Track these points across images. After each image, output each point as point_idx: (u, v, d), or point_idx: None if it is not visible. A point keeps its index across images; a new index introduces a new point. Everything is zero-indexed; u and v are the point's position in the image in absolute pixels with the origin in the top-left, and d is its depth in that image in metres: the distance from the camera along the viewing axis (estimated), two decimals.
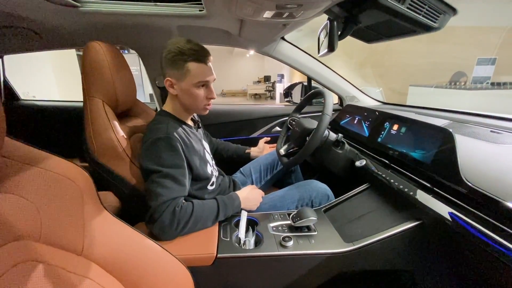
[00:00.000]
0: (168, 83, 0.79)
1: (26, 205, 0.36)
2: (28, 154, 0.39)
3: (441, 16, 0.65)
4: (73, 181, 0.43)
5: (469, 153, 0.65)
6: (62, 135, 1.50)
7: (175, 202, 0.70)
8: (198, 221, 0.73)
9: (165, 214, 0.68)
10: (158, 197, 0.69)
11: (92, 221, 0.45)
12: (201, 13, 0.95)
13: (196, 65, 0.76)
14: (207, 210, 0.76)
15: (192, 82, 0.78)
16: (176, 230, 0.70)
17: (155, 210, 0.68)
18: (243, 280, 0.71)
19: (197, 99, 0.81)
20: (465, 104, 3.52)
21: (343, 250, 0.69)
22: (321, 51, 0.90)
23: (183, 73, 0.76)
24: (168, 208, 0.69)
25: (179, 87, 0.79)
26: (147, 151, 0.74)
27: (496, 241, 0.49)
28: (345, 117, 1.34)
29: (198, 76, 0.77)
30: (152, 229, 0.70)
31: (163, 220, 0.68)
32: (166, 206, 0.69)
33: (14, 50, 1.24)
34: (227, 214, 0.80)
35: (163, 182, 0.71)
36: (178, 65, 0.76)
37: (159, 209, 0.68)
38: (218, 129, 1.55)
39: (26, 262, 0.33)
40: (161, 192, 0.69)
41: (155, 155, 0.73)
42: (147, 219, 0.71)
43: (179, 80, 0.78)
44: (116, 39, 1.13)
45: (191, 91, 0.79)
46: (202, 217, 0.74)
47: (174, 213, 0.69)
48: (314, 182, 1.02)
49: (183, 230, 0.71)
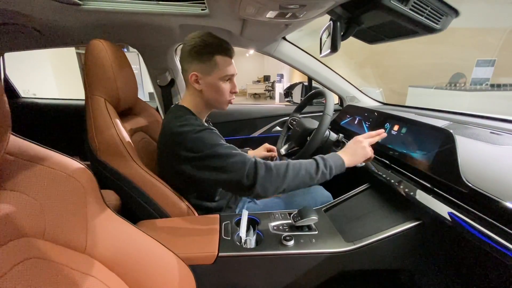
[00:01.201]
0: (193, 78, 0.77)
1: (30, 202, 0.36)
2: (32, 152, 0.39)
3: (443, 18, 0.66)
4: (77, 179, 0.43)
5: (469, 154, 0.65)
6: (62, 133, 1.50)
7: (254, 160, 0.69)
8: (298, 171, 0.69)
9: (259, 170, 0.67)
10: (236, 163, 0.67)
11: (95, 219, 0.45)
12: (203, 12, 0.95)
13: (223, 58, 0.75)
14: (303, 163, 0.72)
15: (219, 76, 0.76)
16: (277, 181, 0.67)
17: (243, 175, 0.67)
18: (244, 279, 0.71)
19: (224, 93, 0.79)
20: (463, 106, 3.53)
21: (343, 250, 0.70)
22: (323, 52, 0.90)
23: (210, 66, 0.75)
24: (255, 165, 0.67)
25: (204, 82, 0.77)
26: (196, 144, 0.71)
27: (496, 241, 0.50)
28: (345, 117, 1.35)
29: (225, 70, 0.76)
30: (255, 193, 0.68)
31: (260, 173, 0.66)
32: (251, 163, 0.67)
33: (16, 48, 1.24)
34: (329, 171, 0.74)
35: (229, 151, 0.69)
36: (205, 58, 0.74)
37: (247, 170, 0.67)
38: (219, 128, 1.54)
39: (30, 259, 0.33)
40: (239, 157, 0.68)
41: (207, 142, 0.71)
42: (244, 190, 0.69)
43: (206, 74, 0.76)
44: (118, 37, 1.13)
45: (218, 85, 0.77)
46: (300, 168, 0.70)
47: (266, 165, 0.67)
48: (320, 189, 1.02)
49: (284, 181, 0.68)
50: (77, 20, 0.99)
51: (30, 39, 1.11)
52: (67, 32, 1.06)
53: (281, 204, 0.97)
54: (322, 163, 0.74)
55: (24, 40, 1.12)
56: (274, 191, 0.69)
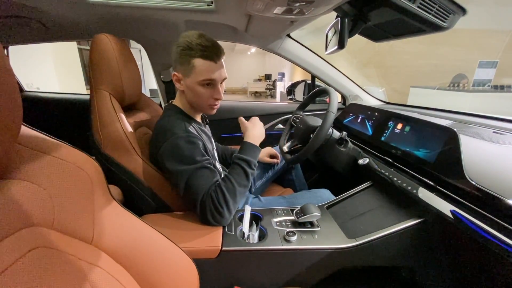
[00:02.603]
0: (175, 77, 0.78)
1: (39, 192, 0.36)
2: (42, 142, 0.39)
3: (451, 16, 0.66)
4: (85, 170, 0.43)
5: (472, 153, 0.65)
6: (66, 127, 1.50)
7: (211, 188, 0.71)
8: (235, 189, 0.73)
9: (208, 203, 0.70)
10: (199, 190, 0.70)
11: (102, 211, 0.45)
12: (209, 8, 0.95)
13: (202, 62, 0.72)
14: (235, 175, 0.75)
15: (196, 80, 0.74)
16: (223, 210, 0.70)
17: (203, 203, 0.70)
18: (247, 273, 0.71)
19: (201, 97, 0.78)
20: (465, 107, 3.53)
21: (345, 246, 0.70)
22: (329, 49, 0.90)
23: (189, 69, 0.73)
24: (209, 195, 0.70)
25: (185, 83, 0.77)
26: (172, 152, 0.73)
27: (499, 239, 0.50)
28: (348, 116, 1.35)
29: (202, 74, 0.73)
30: (208, 222, 0.72)
31: (211, 207, 0.70)
32: (207, 193, 0.70)
33: (20, 41, 1.23)
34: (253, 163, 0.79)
35: (198, 174, 0.71)
36: (184, 60, 0.73)
37: (205, 198, 0.70)
38: (220, 125, 1.55)
39: (38, 248, 0.33)
40: (200, 183, 0.70)
41: (181, 155, 0.72)
42: (199, 214, 0.72)
43: (185, 76, 0.76)
44: (123, 32, 1.13)
45: (196, 89, 0.76)
46: (234, 184, 0.73)
47: (212, 198, 0.70)
48: (327, 193, 1.02)
49: (228, 207, 0.71)
50: (82, 13, 0.98)
51: (34, 33, 1.11)
52: (72, 26, 1.06)
53: (285, 204, 0.97)
54: (249, 171, 0.78)
55: (28, 33, 1.12)
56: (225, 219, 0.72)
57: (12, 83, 0.27)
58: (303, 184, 1.34)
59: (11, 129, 0.29)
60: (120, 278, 0.42)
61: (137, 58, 4.80)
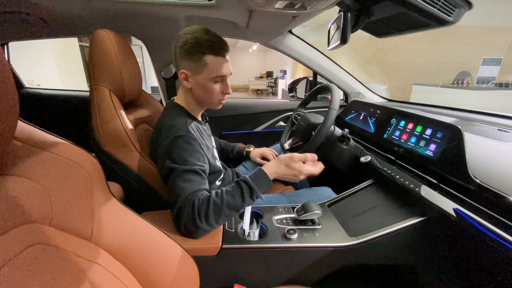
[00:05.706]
0: (182, 75, 0.76)
1: (37, 188, 0.36)
2: (40, 138, 0.39)
3: (456, 10, 0.64)
4: (83, 166, 0.43)
5: (476, 150, 0.64)
6: (66, 124, 1.50)
7: (196, 195, 0.66)
8: (220, 208, 0.65)
9: (187, 209, 0.64)
10: (182, 192, 0.65)
11: (101, 208, 0.45)
12: (210, 3, 0.94)
13: (214, 58, 0.72)
14: (230, 195, 0.67)
15: (209, 76, 0.74)
16: (201, 223, 0.64)
17: (180, 208, 0.65)
18: (247, 271, 0.71)
19: (213, 94, 0.78)
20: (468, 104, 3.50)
21: (347, 244, 0.69)
22: (331, 44, 0.89)
23: (200, 66, 0.72)
24: (191, 201, 0.65)
25: (194, 80, 0.76)
26: (168, 149, 0.71)
27: (502, 237, 0.50)
28: (350, 113, 1.34)
29: (215, 70, 0.73)
30: (180, 228, 0.66)
31: (188, 214, 0.64)
32: (190, 199, 0.65)
33: (21, 37, 1.23)
34: (256, 194, 0.69)
35: (186, 176, 0.68)
36: (195, 57, 0.71)
37: (185, 203, 0.64)
38: (222, 122, 1.54)
39: (36, 245, 0.33)
40: (184, 186, 0.66)
41: (176, 153, 0.70)
42: (174, 217, 0.68)
43: (195, 73, 0.74)
44: (123, 28, 1.12)
45: (207, 85, 0.75)
46: (224, 202, 0.66)
47: (193, 206, 0.64)
48: (328, 191, 1.02)
49: (207, 222, 0.64)
50: (82, 9, 0.98)
51: (35, 28, 1.10)
52: (73, 21, 1.06)
53: (286, 201, 0.96)
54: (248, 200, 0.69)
55: (29, 29, 1.12)
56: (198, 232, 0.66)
57: (8, 78, 0.26)
58: (304, 181, 1.33)
59: (7, 124, 0.28)
60: (119, 275, 0.42)
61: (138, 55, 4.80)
